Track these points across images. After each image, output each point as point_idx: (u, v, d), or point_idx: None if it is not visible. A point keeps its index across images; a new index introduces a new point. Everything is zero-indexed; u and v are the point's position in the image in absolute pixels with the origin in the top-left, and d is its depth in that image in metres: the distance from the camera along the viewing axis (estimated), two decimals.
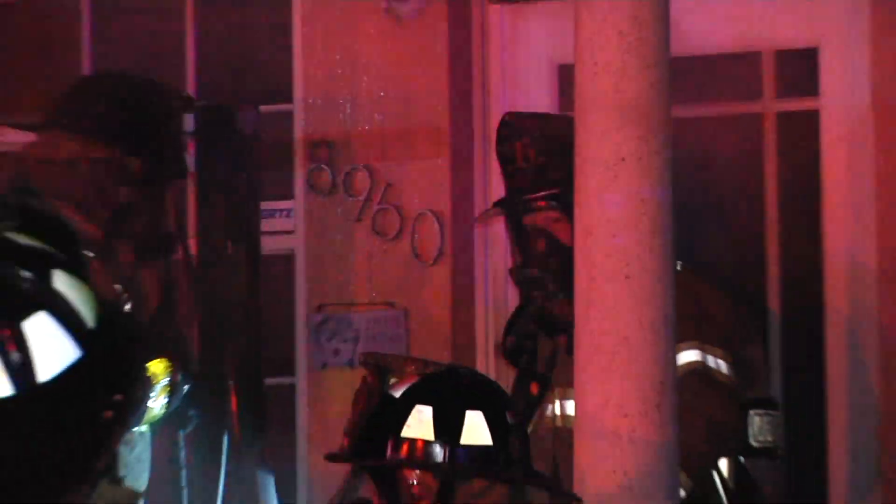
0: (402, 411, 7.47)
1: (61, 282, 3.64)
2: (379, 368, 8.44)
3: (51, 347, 3.64)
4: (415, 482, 7.65)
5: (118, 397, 3.78)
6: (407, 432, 7.46)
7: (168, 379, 9.31)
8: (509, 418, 7.50)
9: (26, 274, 3.71)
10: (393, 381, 8.14)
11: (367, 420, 7.99)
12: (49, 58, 12.95)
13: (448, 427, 7.54)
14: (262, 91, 11.86)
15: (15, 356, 3.15)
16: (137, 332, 3.79)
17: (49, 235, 3.68)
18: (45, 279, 3.66)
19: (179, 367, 9.41)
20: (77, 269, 3.55)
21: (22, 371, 3.14)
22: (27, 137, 10.57)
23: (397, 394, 7.60)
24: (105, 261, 9.47)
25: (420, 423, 7.60)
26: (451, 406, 7.56)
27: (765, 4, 11.63)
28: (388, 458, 7.58)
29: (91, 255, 8.90)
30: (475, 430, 7.51)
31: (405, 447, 7.49)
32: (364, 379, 9.28)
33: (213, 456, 10.62)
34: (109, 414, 3.32)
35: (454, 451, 7.51)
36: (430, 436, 7.56)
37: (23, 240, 3.72)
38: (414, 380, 7.83)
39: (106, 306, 3.40)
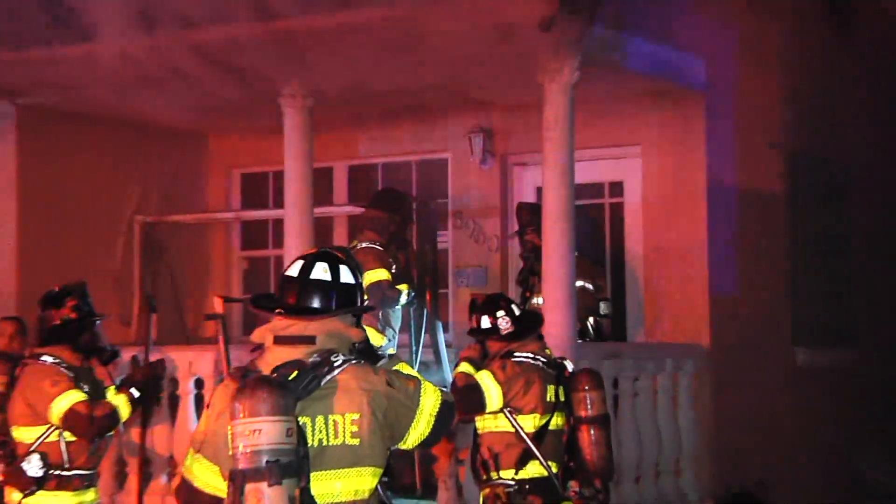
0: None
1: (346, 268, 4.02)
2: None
3: (346, 275, 3.97)
4: None
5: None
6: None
7: (408, 290, 9.32)
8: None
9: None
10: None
11: None
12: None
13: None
14: (437, 193, 11.61)
15: (334, 278, 3.94)
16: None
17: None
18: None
19: (411, 286, 9.39)
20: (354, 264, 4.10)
21: (335, 276, 3.93)
22: (360, 210, 10.34)
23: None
24: (386, 251, 9.24)
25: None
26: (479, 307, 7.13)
27: (610, 162, 11.29)
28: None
29: (381, 248, 9.38)
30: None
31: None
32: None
33: (421, 316, 10.12)
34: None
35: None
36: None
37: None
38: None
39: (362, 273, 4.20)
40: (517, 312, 7.16)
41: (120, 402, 6.93)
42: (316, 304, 4.01)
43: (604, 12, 9.01)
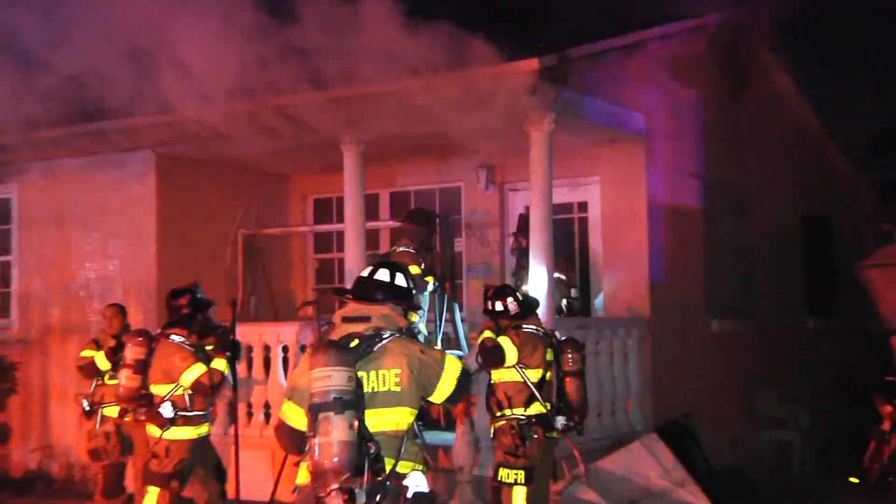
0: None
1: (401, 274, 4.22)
2: None
3: (400, 279, 4.21)
4: None
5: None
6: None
7: (433, 281, 9.22)
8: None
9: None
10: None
11: None
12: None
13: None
14: (453, 211, 11.40)
15: (391, 280, 4.19)
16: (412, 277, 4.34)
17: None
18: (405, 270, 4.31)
19: (435, 278, 9.25)
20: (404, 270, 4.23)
21: (392, 279, 4.19)
22: (398, 224, 10.19)
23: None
24: (417, 253, 9.02)
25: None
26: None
27: (577, 188, 11.00)
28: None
29: (413, 251, 9.12)
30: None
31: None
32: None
33: (443, 300, 9.81)
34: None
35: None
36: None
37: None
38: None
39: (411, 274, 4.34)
40: (521, 298, 7.29)
41: (222, 365, 7.28)
42: (375, 296, 4.18)
43: (571, 81, 8.99)
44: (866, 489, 9.49)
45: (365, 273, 4.31)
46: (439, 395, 4.12)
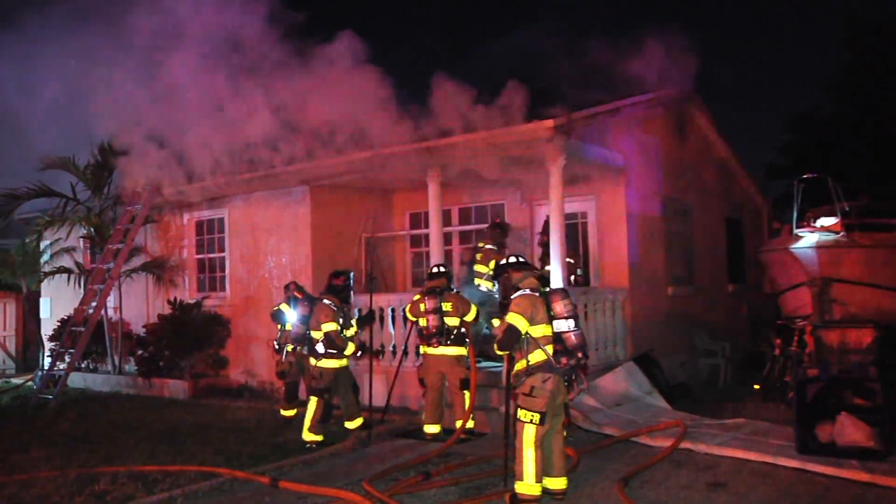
0: None
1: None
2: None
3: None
4: None
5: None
6: None
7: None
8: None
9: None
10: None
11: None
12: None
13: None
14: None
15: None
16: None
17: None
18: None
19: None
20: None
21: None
22: (464, 227, 9.66)
23: None
24: (498, 249, 8.40)
25: None
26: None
27: (580, 203, 10.04)
28: None
29: (496, 248, 8.54)
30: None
31: None
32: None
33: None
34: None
35: None
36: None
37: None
38: None
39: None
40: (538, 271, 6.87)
41: (351, 331, 7.18)
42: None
43: (575, 133, 8.55)
44: (763, 392, 9.17)
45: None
46: None
